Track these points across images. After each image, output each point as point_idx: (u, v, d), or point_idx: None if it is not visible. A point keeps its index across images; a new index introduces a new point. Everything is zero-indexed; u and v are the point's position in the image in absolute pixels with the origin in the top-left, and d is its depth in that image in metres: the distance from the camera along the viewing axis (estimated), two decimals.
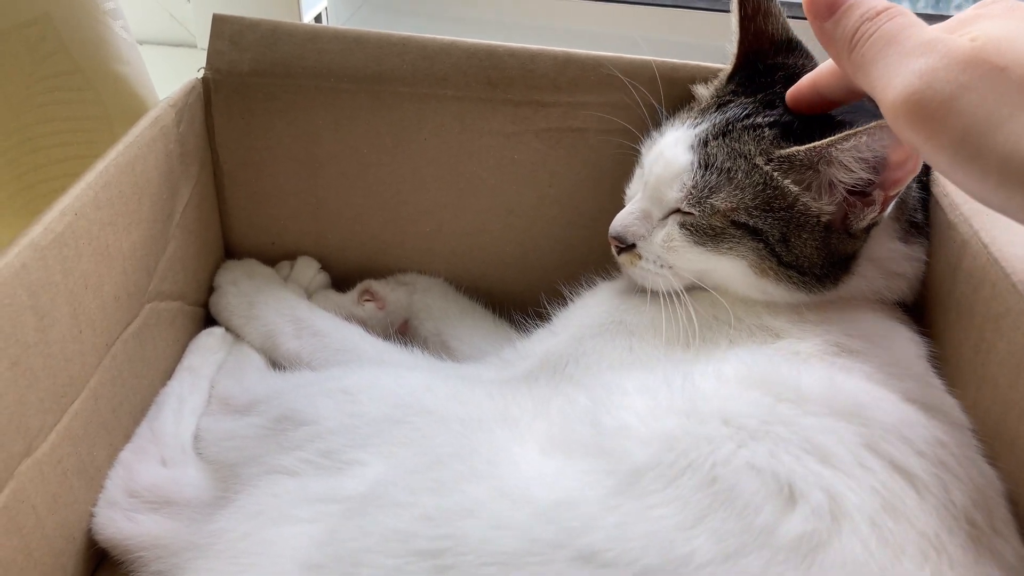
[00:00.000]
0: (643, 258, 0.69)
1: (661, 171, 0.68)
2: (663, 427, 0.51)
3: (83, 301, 0.61)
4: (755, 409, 0.51)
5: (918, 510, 0.46)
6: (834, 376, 0.56)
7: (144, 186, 0.69)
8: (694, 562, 0.42)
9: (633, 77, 0.80)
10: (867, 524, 0.44)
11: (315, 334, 0.78)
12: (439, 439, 0.55)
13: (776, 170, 0.63)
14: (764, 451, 0.48)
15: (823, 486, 0.46)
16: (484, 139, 0.84)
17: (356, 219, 0.89)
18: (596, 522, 0.45)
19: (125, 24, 0.86)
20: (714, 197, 0.64)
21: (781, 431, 0.49)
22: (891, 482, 0.47)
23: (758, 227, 0.63)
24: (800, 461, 0.47)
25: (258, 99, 0.82)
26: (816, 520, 0.44)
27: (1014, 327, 0.55)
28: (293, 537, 0.50)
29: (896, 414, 0.53)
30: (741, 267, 0.65)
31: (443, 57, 0.80)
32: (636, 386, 0.57)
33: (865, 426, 0.50)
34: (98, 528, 0.63)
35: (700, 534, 0.43)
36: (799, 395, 0.52)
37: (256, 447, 0.63)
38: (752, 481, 0.45)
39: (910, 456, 0.49)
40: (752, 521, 0.44)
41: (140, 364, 0.71)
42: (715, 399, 0.53)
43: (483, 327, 0.87)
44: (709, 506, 0.45)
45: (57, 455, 0.59)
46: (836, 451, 0.48)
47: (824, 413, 0.51)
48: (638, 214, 0.70)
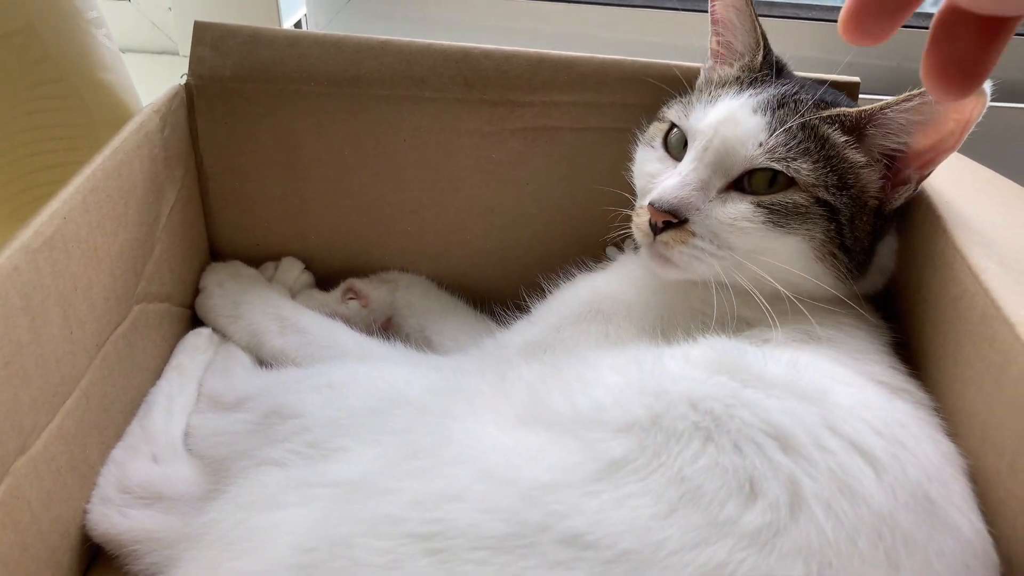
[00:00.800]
0: (697, 236, 0.65)
1: (732, 132, 0.65)
2: (635, 413, 0.53)
3: (73, 303, 0.62)
4: (721, 392, 0.53)
5: (875, 489, 0.48)
6: (799, 360, 0.58)
7: (130, 190, 0.71)
8: (667, 548, 0.45)
9: (605, 76, 0.82)
10: (823, 510, 0.47)
11: (299, 331, 0.80)
12: (420, 429, 0.57)
13: (847, 142, 0.65)
14: (728, 444, 0.50)
15: (783, 476, 0.48)
16: (462, 139, 0.86)
17: (339, 220, 0.91)
18: (579, 507, 0.47)
19: (108, 32, 0.87)
20: (800, 161, 0.64)
21: (745, 415, 0.52)
22: (849, 462, 0.50)
23: (836, 206, 0.64)
24: (762, 450, 0.50)
25: (240, 104, 0.84)
26: (774, 512, 0.47)
27: (969, 307, 0.58)
28: (284, 522, 0.51)
29: (857, 396, 0.56)
30: (803, 250, 0.65)
31: (420, 59, 0.82)
32: (609, 364, 0.59)
33: (826, 408, 0.53)
34: (92, 524, 0.65)
35: (672, 524, 0.46)
36: (763, 380, 0.55)
37: (245, 442, 0.65)
38: (715, 481, 0.48)
39: (868, 436, 0.51)
40: (716, 515, 0.46)
41: (130, 364, 0.73)
42: (683, 381, 0.55)
43: (464, 322, 0.89)
44: (679, 501, 0.47)
45: (51, 453, 0.60)
46: (796, 433, 0.50)
47: (787, 396, 0.53)
48: (695, 184, 0.65)
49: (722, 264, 0.64)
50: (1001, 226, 0.64)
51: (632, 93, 0.83)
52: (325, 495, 0.53)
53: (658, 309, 0.69)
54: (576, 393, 0.56)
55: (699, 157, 0.66)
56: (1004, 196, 0.72)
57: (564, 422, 0.54)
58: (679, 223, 0.65)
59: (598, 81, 0.83)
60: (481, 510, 0.48)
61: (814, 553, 0.45)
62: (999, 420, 0.54)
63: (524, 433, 0.54)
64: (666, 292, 0.70)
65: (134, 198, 0.72)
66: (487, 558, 0.46)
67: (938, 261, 0.64)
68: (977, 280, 0.57)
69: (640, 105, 0.81)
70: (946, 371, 0.62)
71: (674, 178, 0.66)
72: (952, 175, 0.70)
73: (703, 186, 0.65)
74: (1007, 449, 0.52)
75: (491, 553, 0.46)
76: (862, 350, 0.63)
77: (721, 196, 0.66)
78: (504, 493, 0.48)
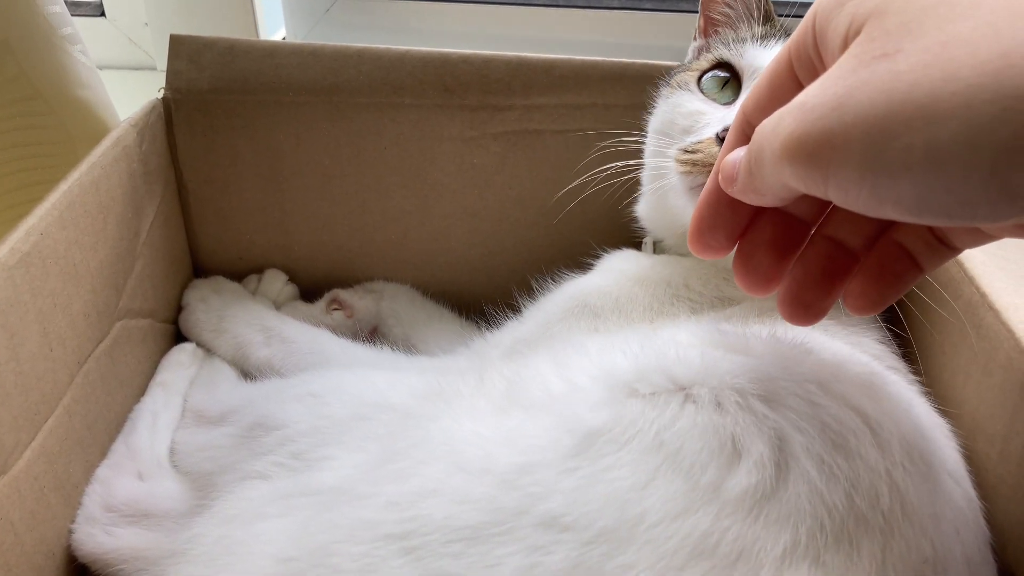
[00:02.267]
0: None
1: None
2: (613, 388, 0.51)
3: (52, 319, 0.61)
4: (700, 359, 0.51)
5: (870, 446, 0.46)
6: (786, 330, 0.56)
7: (108, 205, 0.70)
8: (646, 521, 0.43)
9: (585, 78, 0.82)
10: (815, 464, 0.44)
11: (284, 340, 0.79)
12: (401, 434, 0.56)
13: None
14: (709, 401, 0.47)
15: (767, 430, 0.45)
16: (443, 145, 0.85)
17: (322, 230, 0.90)
18: (556, 486, 0.45)
19: (84, 48, 0.87)
20: None
21: (726, 368, 0.49)
22: (843, 416, 0.47)
23: None
24: (746, 403, 0.47)
25: (219, 116, 0.83)
26: (760, 471, 0.44)
27: (955, 295, 0.58)
28: (265, 533, 0.51)
29: (847, 359, 0.54)
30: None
31: (399, 66, 0.82)
32: (592, 348, 0.57)
33: (816, 364, 0.51)
34: (77, 544, 0.64)
35: (651, 494, 0.44)
36: (747, 346, 0.53)
37: (230, 456, 0.64)
38: (695, 442, 0.46)
39: (860, 397, 0.49)
40: (698, 480, 0.44)
41: (113, 381, 0.72)
42: (664, 360, 0.52)
43: (450, 331, 0.88)
44: (657, 469, 0.45)
45: (33, 472, 0.59)
46: (783, 386, 0.48)
47: (772, 354, 0.51)
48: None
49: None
50: None
51: (613, 94, 0.82)
52: (305, 504, 0.52)
53: (644, 300, 0.68)
54: (553, 376, 0.55)
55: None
56: None
57: (542, 403, 0.52)
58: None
59: (578, 83, 0.83)
60: (455, 502, 0.46)
61: (805, 515, 0.43)
62: (988, 408, 0.54)
63: (501, 418, 0.53)
64: (650, 281, 0.70)
65: (113, 213, 0.71)
66: (463, 550, 0.44)
67: None
68: (962, 268, 0.57)
69: (621, 105, 0.81)
70: (934, 361, 0.61)
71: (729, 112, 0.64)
72: None
73: None
74: (997, 436, 0.52)
75: (466, 544, 0.44)
76: (853, 324, 0.62)
77: None
78: (479, 482, 0.47)
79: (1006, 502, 0.51)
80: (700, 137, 0.65)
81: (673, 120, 0.70)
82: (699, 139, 0.65)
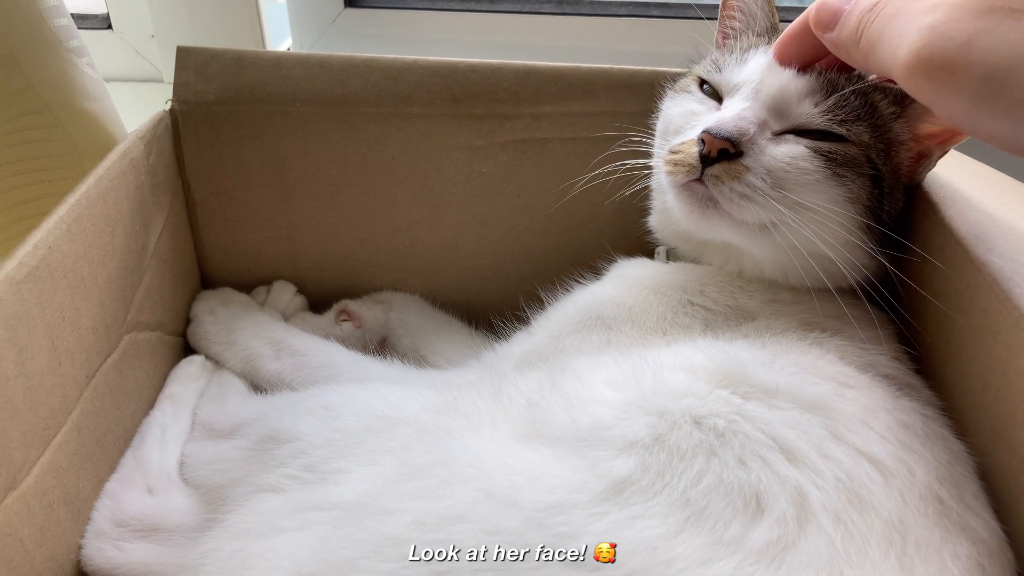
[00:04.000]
0: (750, 171, 0.61)
1: (786, 82, 0.63)
2: (638, 433, 0.52)
3: (61, 333, 0.61)
4: (724, 408, 0.53)
5: (883, 496, 0.48)
6: (802, 361, 0.57)
7: (116, 218, 0.70)
8: (675, 567, 0.44)
9: (592, 86, 0.82)
10: (832, 521, 0.46)
11: (294, 354, 0.79)
12: (419, 449, 0.56)
13: (892, 114, 0.64)
14: (733, 459, 0.49)
15: (789, 488, 0.48)
16: (451, 154, 0.85)
17: (330, 240, 0.90)
18: (585, 528, 0.46)
19: (90, 61, 0.87)
20: (857, 125, 0.62)
21: (749, 430, 0.51)
22: (856, 470, 0.49)
23: (883, 172, 0.63)
24: (767, 463, 0.49)
25: (226, 127, 0.83)
26: (782, 527, 0.46)
27: (971, 301, 0.57)
28: (282, 547, 0.50)
29: (862, 400, 0.55)
30: (849, 213, 0.62)
31: (406, 76, 0.82)
32: (607, 378, 0.58)
33: (830, 417, 0.52)
34: (87, 559, 0.64)
35: (679, 544, 0.45)
36: (766, 391, 0.54)
37: (241, 468, 0.64)
38: (720, 500, 0.47)
39: (875, 442, 0.51)
40: (722, 535, 0.46)
41: (122, 395, 0.72)
42: (685, 398, 0.54)
43: (460, 340, 0.88)
44: (685, 522, 0.47)
45: (42, 488, 0.59)
46: (801, 446, 0.50)
47: (790, 407, 0.53)
48: (754, 119, 0.62)
49: (773, 209, 0.61)
50: (1000, 220, 0.63)
51: (620, 101, 0.82)
52: (324, 518, 0.51)
53: (659, 308, 0.68)
54: (576, 409, 0.55)
55: (752, 98, 0.64)
56: (1002, 191, 0.72)
57: (566, 439, 0.53)
58: (733, 156, 0.61)
59: (586, 91, 0.82)
60: (485, 531, 0.47)
61: (824, 564, 0.45)
62: (1008, 415, 0.53)
63: (525, 449, 0.53)
64: (666, 286, 0.69)
65: (121, 226, 0.71)
66: None
67: (939, 257, 0.63)
68: (979, 273, 0.56)
69: (629, 113, 0.80)
70: (952, 369, 0.61)
71: (730, 111, 0.63)
72: (951, 171, 0.69)
73: (761, 123, 0.62)
74: (1018, 444, 0.51)
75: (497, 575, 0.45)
76: (869, 340, 0.62)
77: (775, 138, 0.63)
78: (508, 514, 0.48)
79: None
80: (686, 138, 0.65)
81: (670, 121, 0.71)
82: (684, 140, 0.65)
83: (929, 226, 0.65)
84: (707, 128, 0.61)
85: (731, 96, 0.66)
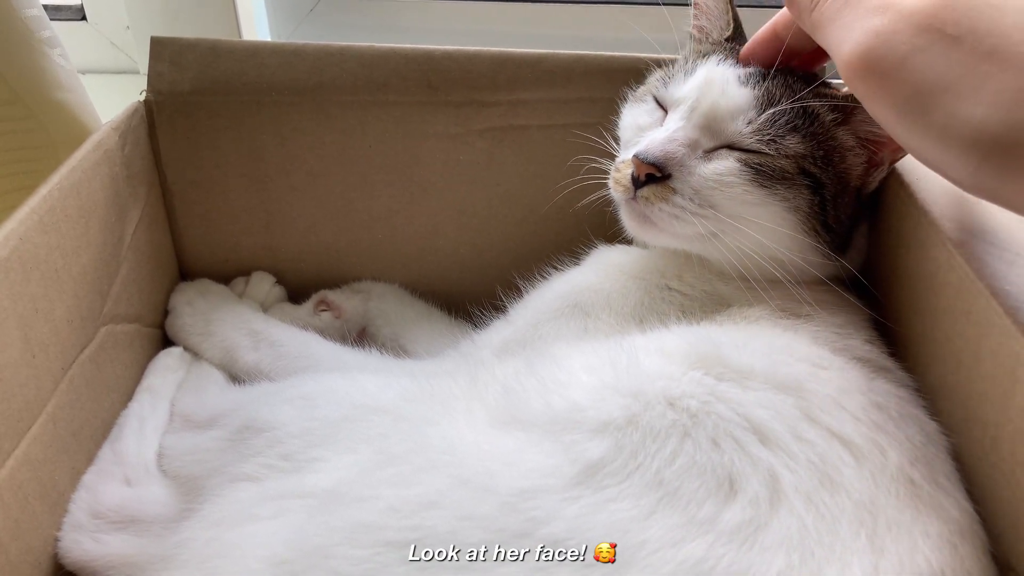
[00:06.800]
0: (677, 193, 0.63)
1: (719, 100, 0.64)
2: (612, 414, 0.52)
3: (34, 325, 0.61)
4: (698, 389, 0.53)
5: (855, 478, 0.49)
6: (775, 343, 0.58)
7: (91, 209, 0.70)
8: (647, 548, 0.45)
9: (570, 72, 0.81)
10: (803, 502, 0.47)
11: (272, 344, 0.78)
12: (395, 437, 0.56)
13: (834, 120, 0.64)
14: (706, 440, 0.50)
15: (762, 470, 0.48)
16: (429, 142, 0.85)
17: (308, 230, 0.90)
18: (558, 512, 0.47)
19: (63, 52, 0.86)
20: (788, 139, 0.63)
21: (723, 410, 0.51)
22: (829, 451, 0.50)
23: (822, 180, 0.63)
24: (740, 445, 0.49)
25: (201, 118, 0.83)
26: (754, 508, 0.47)
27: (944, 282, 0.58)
28: (256, 535, 0.50)
29: (836, 381, 0.55)
30: (788, 220, 0.63)
31: (382, 64, 0.81)
32: (583, 363, 0.58)
33: (803, 398, 0.53)
34: (64, 551, 0.63)
35: (651, 526, 0.46)
36: (740, 372, 0.54)
37: (219, 459, 0.63)
38: (693, 481, 0.48)
39: (847, 423, 0.52)
40: (695, 515, 0.46)
41: (99, 387, 0.71)
42: (659, 380, 0.54)
43: (439, 329, 0.88)
44: (658, 502, 0.47)
45: (17, 480, 0.58)
46: (775, 427, 0.50)
47: (763, 388, 0.53)
48: (683, 141, 0.64)
49: (705, 225, 0.63)
50: (973, 202, 0.63)
51: (599, 87, 0.82)
52: (299, 506, 0.52)
53: (636, 294, 0.68)
54: (551, 393, 0.55)
55: (687, 117, 0.65)
56: None
57: (541, 423, 0.53)
58: (661, 178, 0.63)
59: (564, 77, 0.82)
60: (459, 517, 0.47)
61: (795, 544, 0.45)
62: (979, 394, 0.53)
63: (500, 435, 0.54)
64: (644, 271, 0.70)
65: (95, 217, 0.70)
66: (465, 566, 0.45)
67: (912, 239, 0.63)
68: (952, 254, 0.57)
69: (607, 99, 0.80)
70: (926, 350, 0.61)
71: (662, 132, 0.65)
72: None
73: (691, 144, 0.64)
74: (989, 423, 0.52)
75: (470, 561, 0.45)
76: (842, 325, 0.63)
77: (708, 155, 0.64)
78: (482, 500, 0.48)
79: (1000, 489, 0.51)
80: (630, 154, 0.66)
81: (623, 130, 0.73)
82: (627, 156, 0.66)
83: (902, 209, 0.65)
84: (636, 152, 0.64)
85: (673, 110, 0.68)
